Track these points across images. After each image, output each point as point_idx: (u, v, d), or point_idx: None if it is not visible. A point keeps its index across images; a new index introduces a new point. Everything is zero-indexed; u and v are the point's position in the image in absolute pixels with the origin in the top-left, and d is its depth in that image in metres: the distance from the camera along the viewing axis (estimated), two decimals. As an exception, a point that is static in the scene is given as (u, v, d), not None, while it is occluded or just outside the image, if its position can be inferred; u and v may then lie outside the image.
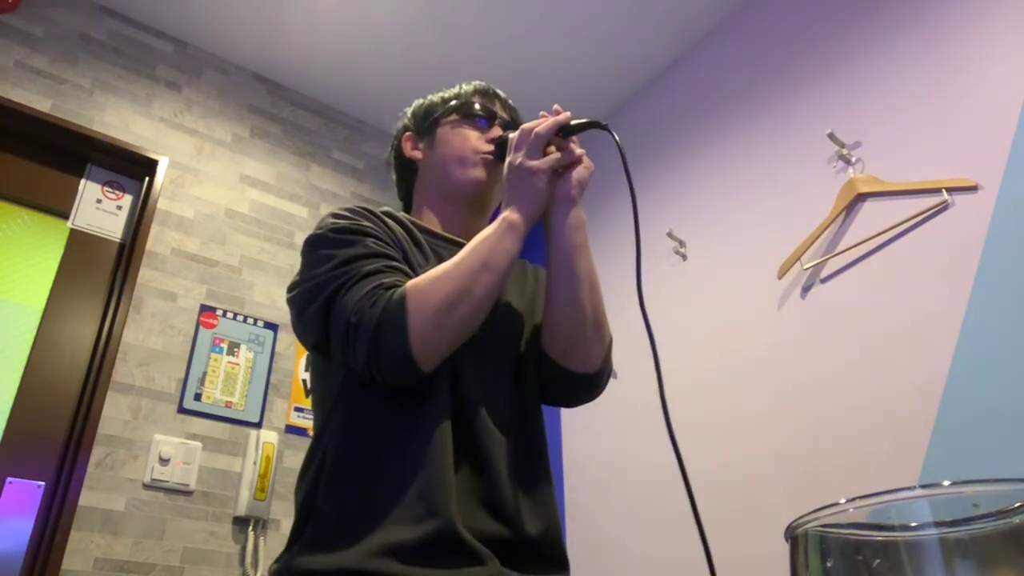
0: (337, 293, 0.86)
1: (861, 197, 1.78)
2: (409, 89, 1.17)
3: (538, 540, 0.89)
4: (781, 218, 1.99)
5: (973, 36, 1.68)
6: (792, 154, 2.03)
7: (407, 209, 1.16)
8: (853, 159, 1.83)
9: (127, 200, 2.37)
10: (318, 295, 0.87)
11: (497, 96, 1.14)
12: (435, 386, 0.87)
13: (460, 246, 0.99)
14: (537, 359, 1.01)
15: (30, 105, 2.21)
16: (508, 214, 0.93)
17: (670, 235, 2.30)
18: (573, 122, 0.97)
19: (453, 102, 1.11)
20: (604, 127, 0.96)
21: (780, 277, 1.93)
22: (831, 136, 1.84)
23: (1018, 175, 1.49)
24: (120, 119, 2.37)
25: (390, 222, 0.99)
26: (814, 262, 1.84)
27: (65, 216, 2.24)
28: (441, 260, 0.96)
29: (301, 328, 0.92)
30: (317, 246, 0.93)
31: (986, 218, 1.52)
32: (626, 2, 2.39)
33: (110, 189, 2.35)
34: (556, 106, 0.99)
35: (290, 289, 0.94)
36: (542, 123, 0.96)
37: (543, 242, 1.00)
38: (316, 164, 2.78)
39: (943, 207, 1.61)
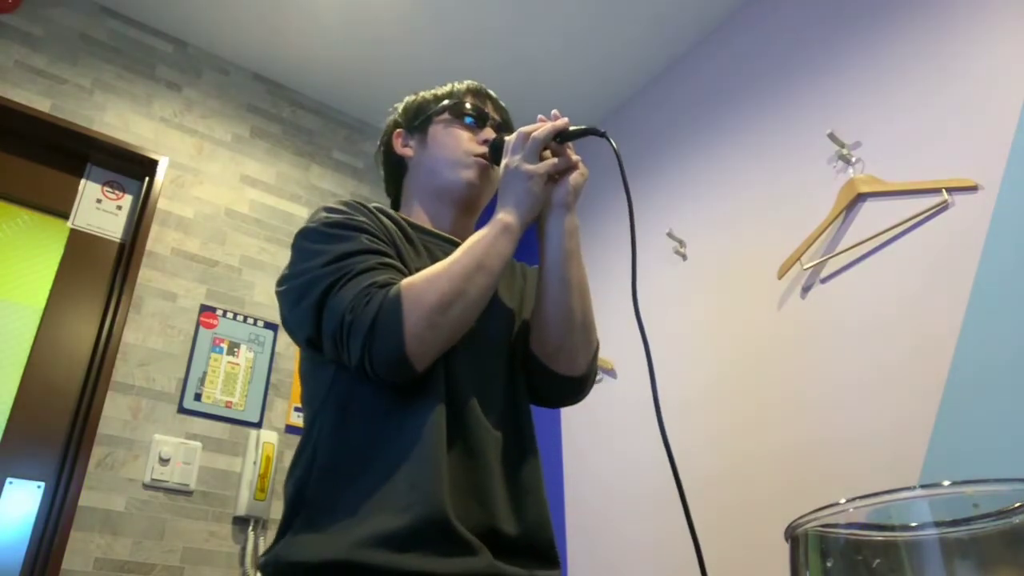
0: (331, 290, 0.84)
1: (861, 197, 1.78)
2: (409, 89, 1.17)
3: (528, 534, 0.89)
4: (781, 218, 1.99)
5: (973, 37, 1.68)
6: (792, 154, 2.03)
7: (395, 205, 1.16)
8: (853, 159, 1.83)
9: (127, 200, 2.37)
10: (311, 291, 0.86)
11: (489, 96, 1.13)
12: (429, 379, 0.87)
13: (452, 243, 0.99)
14: (525, 360, 1.01)
15: (30, 105, 2.20)
16: (503, 216, 0.93)
17: (670, 235, 2.30)
18: (571, 128, 0.96)
19: (445, 101, 1.11)
20: (602, 134, 0.95)
21: (780, 277, 1.93)
22: (831, 136, 1.84)
23: (1018, 175, 1.49)
24: (120, 119, 2.37)
25: (383, 218, 0.98)
26: (814, 262, 1.84)
27: (65, 216, 2.24)
28: (433, 257, 0.96)
29: (293, 323, 0.90)
30: (310, 239, 0.92)
31: (986, 218, 1.52)
32: (627, 2, 2.39)
33: (110, 189, 2.35)
34: (554, 111, 0.98)
35: (280, 283, 0.92)
36: (540, 127, 0.96)
37: (532, 242, 1.00)
38: (316, 164, 2.78)
39: (943, 207, 1.61)
